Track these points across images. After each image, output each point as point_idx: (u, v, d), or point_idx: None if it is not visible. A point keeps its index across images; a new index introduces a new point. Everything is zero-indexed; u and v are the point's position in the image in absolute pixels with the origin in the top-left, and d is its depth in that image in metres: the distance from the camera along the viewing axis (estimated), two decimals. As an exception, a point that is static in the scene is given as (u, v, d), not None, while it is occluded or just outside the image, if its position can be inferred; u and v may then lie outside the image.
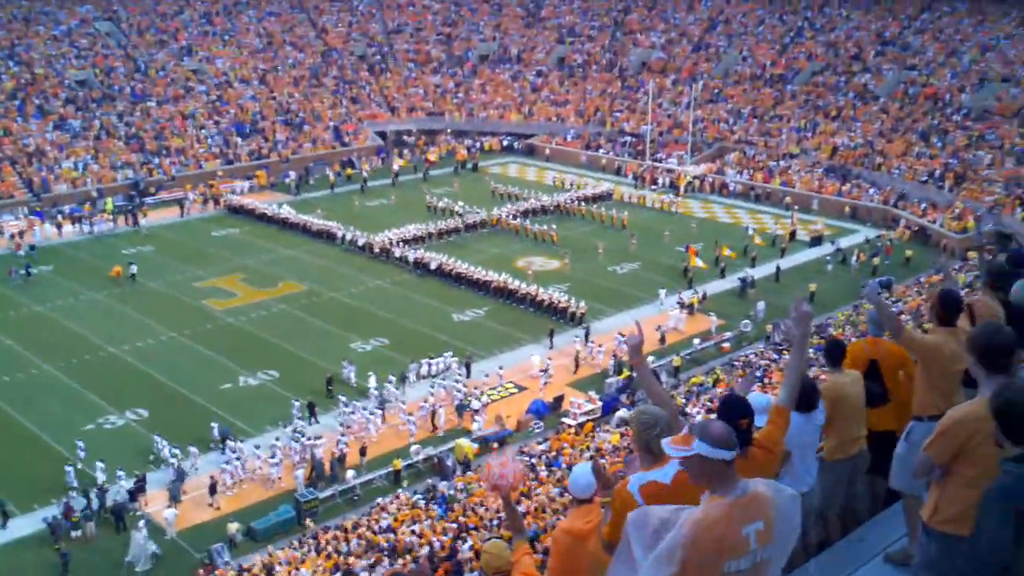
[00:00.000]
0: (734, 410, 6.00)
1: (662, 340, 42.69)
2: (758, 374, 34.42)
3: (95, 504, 30.20)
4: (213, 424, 34.84)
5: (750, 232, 56.09)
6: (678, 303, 46.25)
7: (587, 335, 43.31)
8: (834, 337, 8.37)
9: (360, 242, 56.28)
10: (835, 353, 8.16)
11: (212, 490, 31.19)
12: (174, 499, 30.61)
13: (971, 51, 74.77)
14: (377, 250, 55.34)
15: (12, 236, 57.75)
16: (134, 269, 51.57)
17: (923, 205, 60.43)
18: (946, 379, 7.23)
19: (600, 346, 41.87)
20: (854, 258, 53.83)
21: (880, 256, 53.96)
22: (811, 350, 35.96)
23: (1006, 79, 70.18)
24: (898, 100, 73.10)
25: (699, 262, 50.94)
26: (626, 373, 39.32)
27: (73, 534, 29.10)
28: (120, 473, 31.50)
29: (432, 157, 78.09)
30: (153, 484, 31.66)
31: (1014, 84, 69.23)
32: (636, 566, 4.72)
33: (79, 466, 32.29)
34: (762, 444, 6.26)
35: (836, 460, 7.91)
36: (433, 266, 51.91)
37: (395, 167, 74.38)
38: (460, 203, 63.00)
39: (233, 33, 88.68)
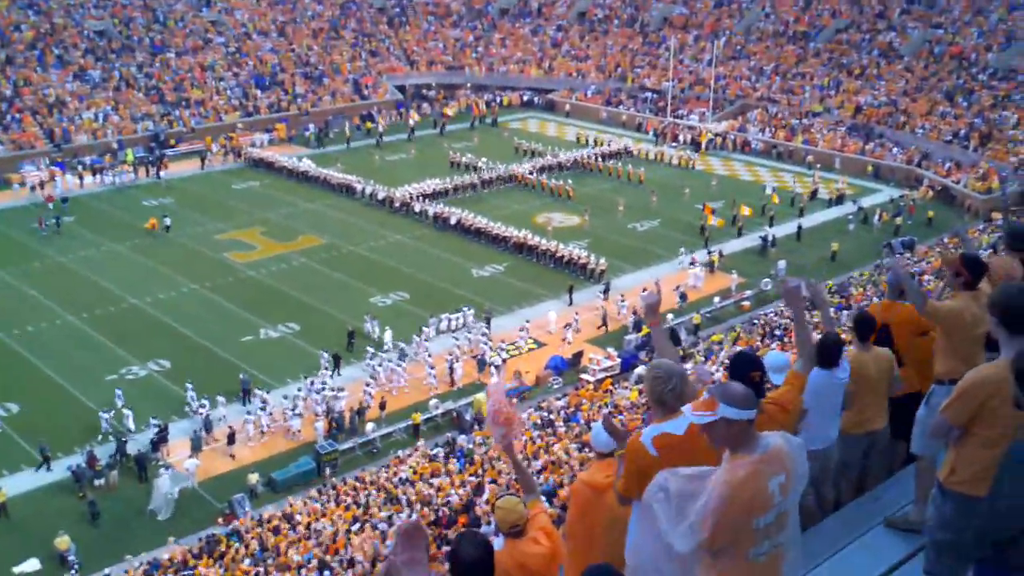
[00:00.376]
0: (744, 365, 6.13)
1: (683, 298, 42.62)
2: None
3: (118, 453, 30.50)
4: (242, 376, 35.12)
5: (768, 191, 55.66)
6: (690, 264, 46.08)
7: (607, 291, 43.28)
8: (865, 312, 8.26)
9: (380, 196, 56.23)
10: (862, 328, 8.08)
11: (231, 440, 31.49)
12: (196, 449, 30.88)
13: (998, 10, 73.63)
14: (397, 204, 55.30)
15: (34, 187, 57.97)
16: (168, 221, 51.60)
17: (947, 165, 59.89)
18: (967, 343, 7.20)
19: (623, 300, 41.81)
20: (876, 217, 53.46)
21: (903, 216, 53.59)
22: (833, 309, 35.94)
23: (1034, 38, 69.23)
24: (923, 59, 72.21)
25: (715, 220, 50.68)
26: (645, 330, 39.29)
27: (96, 482, 29.43)
28: (155, 421, 31.84)
29: (449, 112, 77.72)
30: (177, 433, 31.93)
31: (1042, 43, 68.29)
32: (659, 530, 4.74)
33: (111, 414, 32.58)
34: (777, 402, 6.33)
35: (852, 434, 7.89)
36: (453, 221, 51.87)
37: (411, 122, 74.09)
38: (483, 159, 62.69)
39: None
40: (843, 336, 9.13)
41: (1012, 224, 8.47)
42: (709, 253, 47.65)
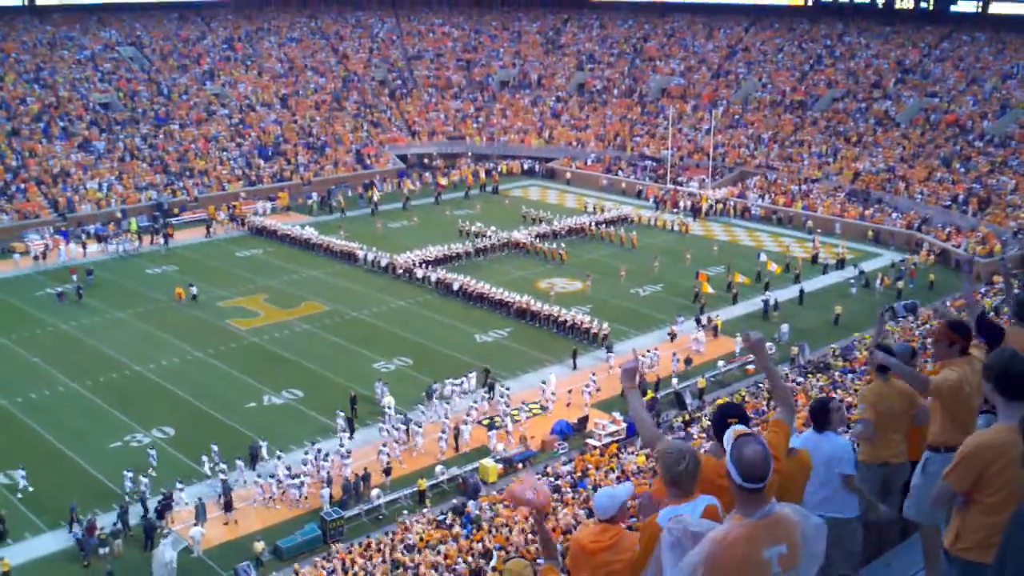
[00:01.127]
0: (726, 412, 6.13)
1: (688, 362, 42.60)
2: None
3: (120, 521, 30.16)
4: (262, 442, 35.10)
5: (762, 258, 55.55)
6: (669, 334, 45.94)
7: (610, 350, 43.36)
8: (885, 344, 8.39)
9: (383, 263, 56.44)
10: (884, 368, 8.21)
11: (228, 507, 31.22)
12: (200, 518, 30.52)
13: (992, 79, 74.77)
14: (399, 271, 55.49)
15: (37, 256, 58.20)
16: (195, 291, 51.65)
17: (947, 229, 60.26)
18: (965, 413, 7.22)
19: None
20: (878, 281, 53.64)
21: (904, 279, 53.77)
22: (838, 372, 35.84)
23: (1028, 105, 70.14)
24: (919, 126, 73.09)
25: (711, 289, 50.64)
26: (651, 395, 39.19)
27: (101, 551, 29.07)
28: (180, 486, 31.77)
29: (443, 181, 77.84)
30: (190, 497, 31.65)
31: (1036, 110, 69.16)
32: None
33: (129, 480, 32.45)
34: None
35: (867, 463, 7.94)
36: (455, 287, 52.00)
37: (406, 191, 74.22)
38: (491, 227, 62.75)
39: (255, 58, 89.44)
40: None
41: (1019, 295, 8.53)
42: (704, 319, 47.53)
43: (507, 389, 39.62)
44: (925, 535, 7.07)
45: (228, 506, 31.16)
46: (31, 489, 32.48)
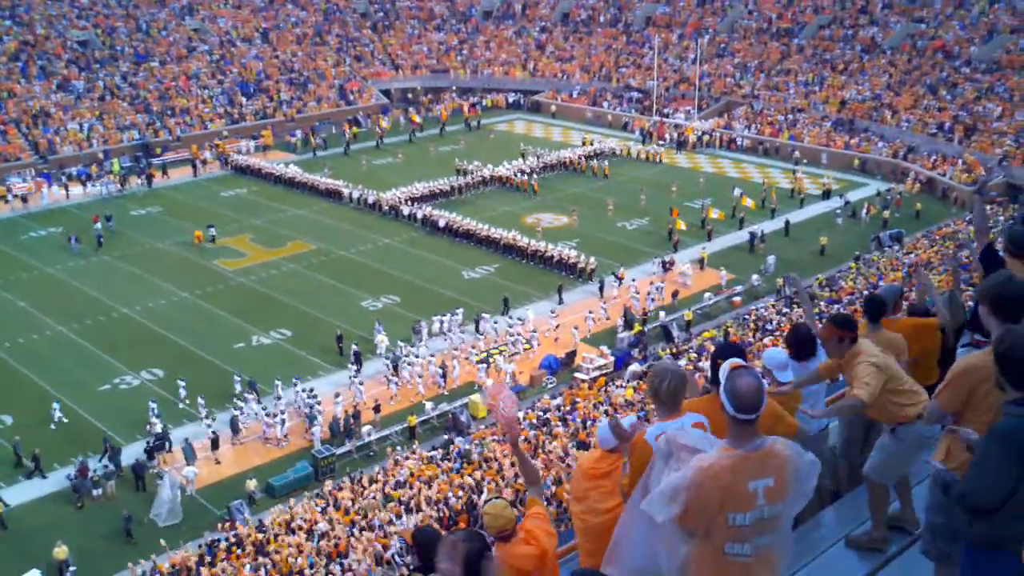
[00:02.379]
0: (727, 354, 6.22)
1: (674, 295, 42.79)
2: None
3: (112, 462, 30.41)
4: (236, 377, 35.34)
5: (736, 193, 54.97)
6: (662, 268, 46.04)
7: (601, 289, 43.49)
8: (875, 295, 8.30)
9: (369, 200, 56.21)
10: (871, 309, 8.11)
11: (215, 444, 31.50)
12: (189, 459, 30.75)
13: (979, 3, 74.02)
14: (385, 208, 55.29)
15: (24, 198, 57.82)
16: (213, 232, 51.36)
17: (933, 157, 60.20)
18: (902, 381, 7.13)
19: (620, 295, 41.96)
20: (864, 211, 53.68)
21: (890, 209, 53.83)
22: (824, 302, 36.08)
23: (1015, 30, 69.56)
24: (906, 53, 72.56)
25: (684, 225, 50.14)
26: (637, 328, 39.43)
27: (95, 492, 29.33)
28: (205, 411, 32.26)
29: (416, 119, 76.66)
30: (181, 439, 31.91)
31: (1023, 35, 68.59)
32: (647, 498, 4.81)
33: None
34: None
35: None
36: (441, 224, 51.88)
37: (379, 128, 72.95)
38: (477, 162, 62.29)
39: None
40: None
41: (1011, 231, 8.52)
42: (666, 260, 46.95)
43: (496, 322, 39.77)
44: (873, 494, 7.14)
45: (215, 443, 31.40)
46: (66, 420, 33.21)
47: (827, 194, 57.63)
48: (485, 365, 36.62)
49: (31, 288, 45.38)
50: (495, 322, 40.18)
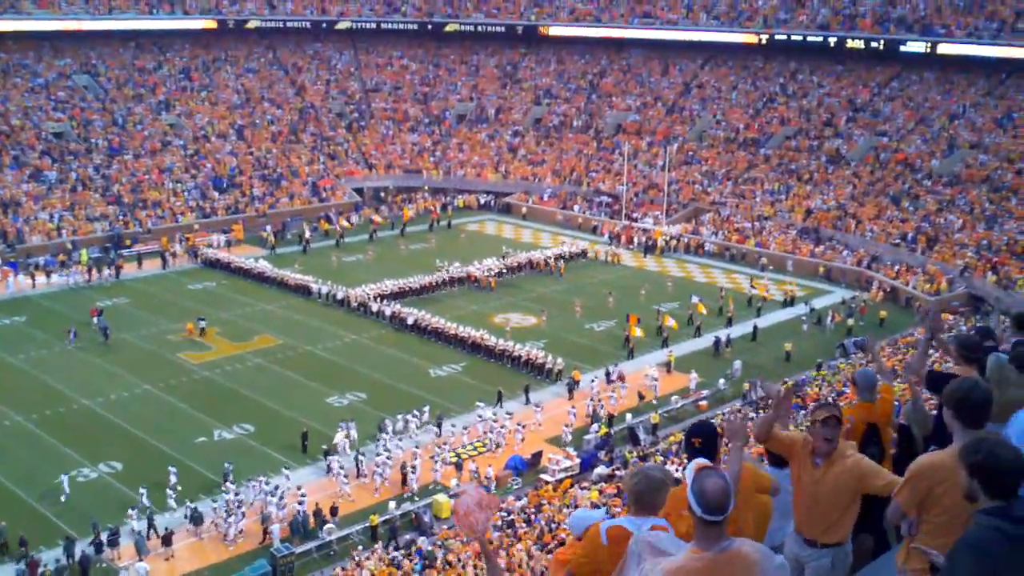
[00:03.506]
0: (693, 433, 6.30)
1: (640, 397, 42.79)
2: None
3: (68, 556, 29.63)
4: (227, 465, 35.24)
5: (693, 300, 54.74)
6: (617, 379, 45.00)
7: (571, 391, 43.44)
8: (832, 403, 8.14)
9: (338, 296, 56.18)
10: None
11: (166, 541, 30.78)
12: (140, 553, 30.02)
13: (940, 118, 76.21)
14: (354, 304, 55.25)
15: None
16: (204, 324, 51.09)
17: (896, 267, 61.18)
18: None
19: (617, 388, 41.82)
20: (829, 318, 54.25)
21: (855, 317, 54.44)
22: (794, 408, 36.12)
23: (974, 145, 71.53)
24: (869, 164, 74.29)
25: (638, 332, 49.60)
26: (604, 430, 39.28)
27: (42, 588, 28.52)
28: (132, 512, 31.03)
29: (378, 219, 77.13)
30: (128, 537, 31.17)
31: (982, 151, 70.51)
32: None
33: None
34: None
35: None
36: (410, 321, 51.86)
37: (339, 228, 73.24)
38: (457, 264, 62.45)
39: (211, 88, 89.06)
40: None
41: (960, 337, 8.63)
42: (614, 372, 45.89)
43: (456, 424, 39.52)
44: None
45: (166, 540, 30.68)
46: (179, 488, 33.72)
47: (791, 300, 58.19)
48: (454, 466, 36.29)
49: (-9, 377, 44.73)
50: (472, 419, 39.88)
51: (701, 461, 6.05)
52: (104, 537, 30.52)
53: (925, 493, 5.62)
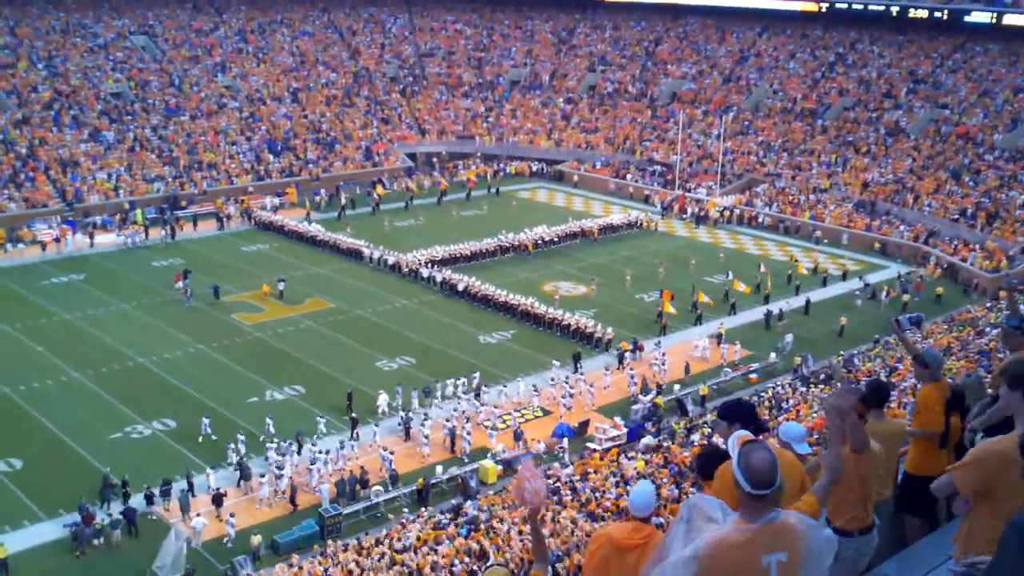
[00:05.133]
0: (727, 414, 6.40)
1: (686, 370, 42.60)
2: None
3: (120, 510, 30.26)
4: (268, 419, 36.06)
5: (729, 277, 54.32)
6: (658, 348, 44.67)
7: (621, 360, 43.37)
8: (879, 380, 7.99)
9: (389, 262, 56.45)
10: (875, 395, 7.94)
11: (217, 500, 31.17)
12: (184, 511, 30.56)
13: (1004, 91, 74.52)
14: (405, 270, 55.50)
15: (44, 245, 58.37)
16: (282, 286, 51.68)
17: (954, 243, 60.14)
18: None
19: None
20: (884, 294, 53.52)
21: (911, 293, 53.64)
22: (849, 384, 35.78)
23: (1039, 120, 69.95)
24: (929, 138, 72.93)
25: (672, 308, 49.11)
26: (660, 401, 39.18)
27: (95, 541, 29.11)
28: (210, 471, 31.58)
29: (473, 178, 77.89)
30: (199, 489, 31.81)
31: (1047, 125, 68.95)
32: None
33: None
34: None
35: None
36: (460, 287, 52.00)
37: (407, 188, 74.52)
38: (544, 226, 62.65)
39: (267, 51, 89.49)
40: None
41: (1016, 364, 8.27)
42: (655, 344, 45.91)
43: (503, 389, 39.67)
44: None
45: (217, 500, 31.16)
46: (214, 437, 35.10)
47: (844, 275, 57.52)
48: (496, 431, 36.47)
49: (50, 333, 45.57)
50: (505, 388, 40.00)
51: (744, 434, 5.91)
52: (156, 490, 31.10)
53: (987, 480, 5.50)
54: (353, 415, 36.72)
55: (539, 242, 61.11)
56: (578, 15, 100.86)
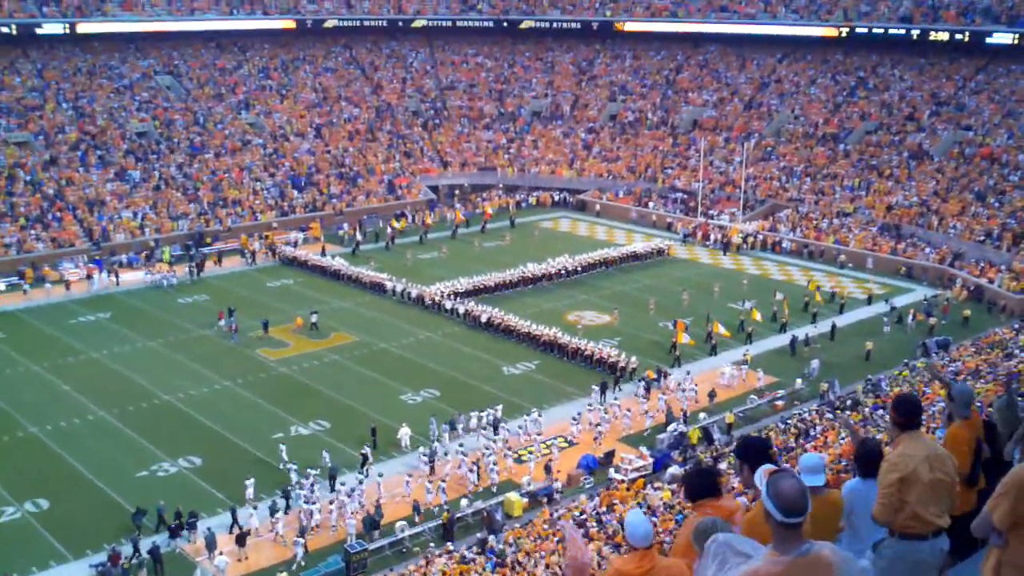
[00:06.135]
0: (747, 452, 6.30)
1: (711, 396, 42.36)
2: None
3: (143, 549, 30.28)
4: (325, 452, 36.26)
5: (746, 306, 53.71)
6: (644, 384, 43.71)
7: (648, 389, 43.16)
8: (908, 396, 7.73)
9: (412, 294, 56.59)
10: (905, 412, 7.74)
11: (240, 541, 30.96)
12: (210, 548, 30.50)
13: (1027, 111, 74.14)
14: (428, 302, 55.59)
15: (68, 284, 58.91)
16: (315, 319, 52.01)
17: (980, 264, 59.67)
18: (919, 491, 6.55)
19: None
20: (910, 317, 53.09)
21: (937, 315, 53.20)
22: (869, 409, 35.40)
23: (1064, 139, 69.44)
24: (953, 160, 72.55)
25: (686, 338, 48.40)
26: (696, 433, 38.90)
27: (124, 581, 29.19)
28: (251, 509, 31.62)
29: (489, 210, 78.22)
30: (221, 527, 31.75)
31: (1072, 145, 68.42)
32: None
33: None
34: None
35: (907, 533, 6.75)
36: (484, 319, 52.02)
37: (453, 218, 75.21)
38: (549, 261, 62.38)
39: (290, 88, 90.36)
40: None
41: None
42: (659, 376, 44.83)
43: (526, 422, 39.54)
44: None
45: (241, 540, 31.06)
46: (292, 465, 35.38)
47: (870, 299, 57.14)
48: (521, 463, 36.34)
49: (76, 372, 45.90)
50: (527, 419, 39.86)
51: (769, 467, 5.93)
52: (183, 521, 31.15)
53: (1022, 508, 5.38)
54: (362, 451, 36.59)
55: (563, 271, 61.06)
56: (598, 45, 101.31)
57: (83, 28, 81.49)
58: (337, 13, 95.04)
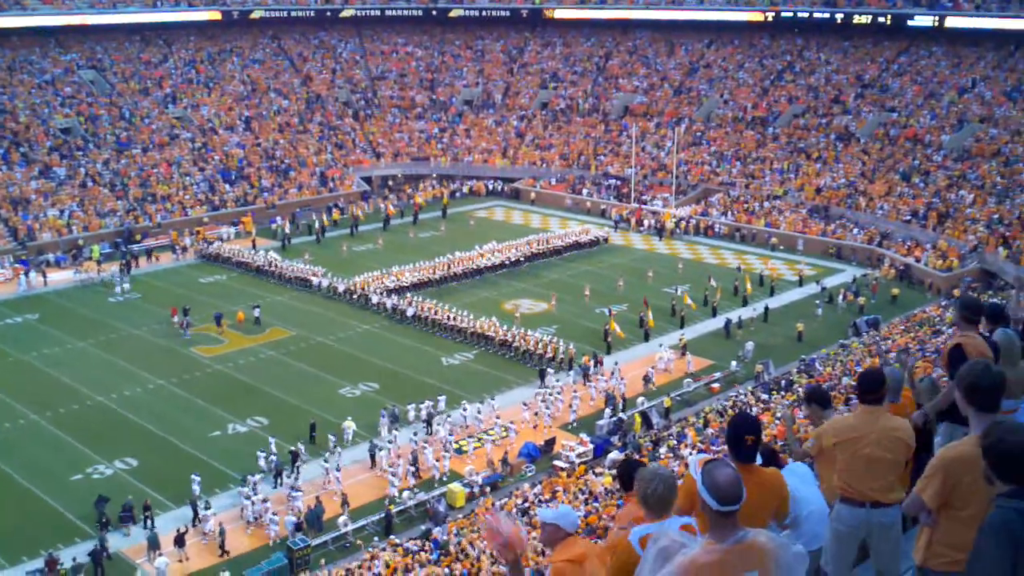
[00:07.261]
0: (741, 427, 6.14)
1: (646, 380, 42.75)
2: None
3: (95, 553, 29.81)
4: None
5: (678, 292, 54.17)
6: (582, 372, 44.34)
7: (586, 376, 43.39)
8: (872, 370, 7.96)
9: (340, 288, 55.93)
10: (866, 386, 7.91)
11: (179, 542, 30.60)
12: (153, 548, 30.16)
13: (949, 93, 75.75)
14: (354, 296, 54.96)
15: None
16: (258, 312, 51.43)
17: (907, 244, 60.94)
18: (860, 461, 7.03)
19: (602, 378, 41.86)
20: (841, 297, 54.09)
21: (866, 295, 54.26)
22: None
23: (984, 120, 71.06)
24: (879, 141, 73.92)
25: (618, 328, 48.75)
26: (638, 420, 39.25)
27: (60, 587, 28.69)
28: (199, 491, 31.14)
29: (420, 200, 77.82)
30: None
31: (992, 125, 70.04)
32: None
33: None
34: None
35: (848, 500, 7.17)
36: (409, 313, 51.58)
37: (384, 211, 74.37)
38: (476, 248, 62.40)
39: (217, 80, 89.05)
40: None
41: (963, 298, 8.57)
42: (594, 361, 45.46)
43: (465, 414, 39.57)
44: None
45: (179, 540, 30.69)
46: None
47: (801, 281, 58.09)
48: (461, 453, 36.39)
49: (5, 375, 44.87)
50: (465, 410, 39.87)
51: (703, 456, 6.03)
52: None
53: (951, 488, 5.51)
54: (292, 448, 36.19)
55: (506, 262, 60.92)
56: (528, 33, 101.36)
57: (1, 22, 79.42)
58: (264, 3, 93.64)
